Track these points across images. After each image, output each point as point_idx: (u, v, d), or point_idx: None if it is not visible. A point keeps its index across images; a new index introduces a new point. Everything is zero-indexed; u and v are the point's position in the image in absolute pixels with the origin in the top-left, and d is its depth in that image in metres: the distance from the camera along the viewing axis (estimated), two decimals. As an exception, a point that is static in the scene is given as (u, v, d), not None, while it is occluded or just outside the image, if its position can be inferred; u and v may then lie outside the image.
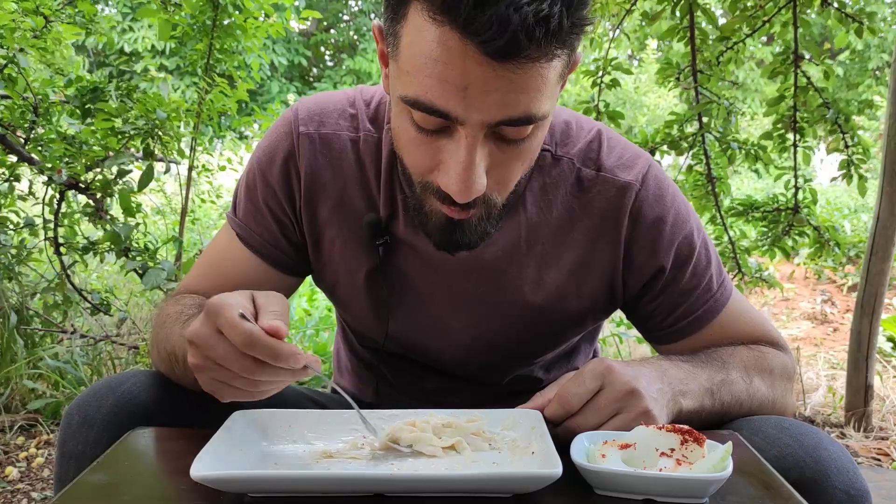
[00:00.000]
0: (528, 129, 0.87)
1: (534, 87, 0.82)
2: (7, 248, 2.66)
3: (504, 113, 0.82)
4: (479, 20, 0.76)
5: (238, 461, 0.82)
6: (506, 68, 0.79)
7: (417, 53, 0.82)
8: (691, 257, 1.08)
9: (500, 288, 1.08)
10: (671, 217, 1.07)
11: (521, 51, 0.78)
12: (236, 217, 1.13)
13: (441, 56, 0.80)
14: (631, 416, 0.90)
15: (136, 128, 2.41)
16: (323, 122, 1.08)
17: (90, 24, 2.81)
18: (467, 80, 0.80)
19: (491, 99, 0.81)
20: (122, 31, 13.98)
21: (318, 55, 20.02)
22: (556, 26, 0.78)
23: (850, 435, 2.70)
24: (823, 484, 0.89)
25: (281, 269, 1.13)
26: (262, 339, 0.79)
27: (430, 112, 0.83)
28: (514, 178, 0.93)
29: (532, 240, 1.06)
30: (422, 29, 0.80)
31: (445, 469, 0.85)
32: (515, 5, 0.75)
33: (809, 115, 2.63)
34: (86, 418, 0.97)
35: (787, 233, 2.73)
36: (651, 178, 1.07)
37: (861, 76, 15.21)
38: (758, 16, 2.61)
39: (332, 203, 1.08)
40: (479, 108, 0.81)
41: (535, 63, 0.80)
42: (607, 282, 1.09)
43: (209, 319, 0.81)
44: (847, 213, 7.67)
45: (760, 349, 1.12)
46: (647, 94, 15.10)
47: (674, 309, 1.10)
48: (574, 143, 1.07)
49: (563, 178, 1.06)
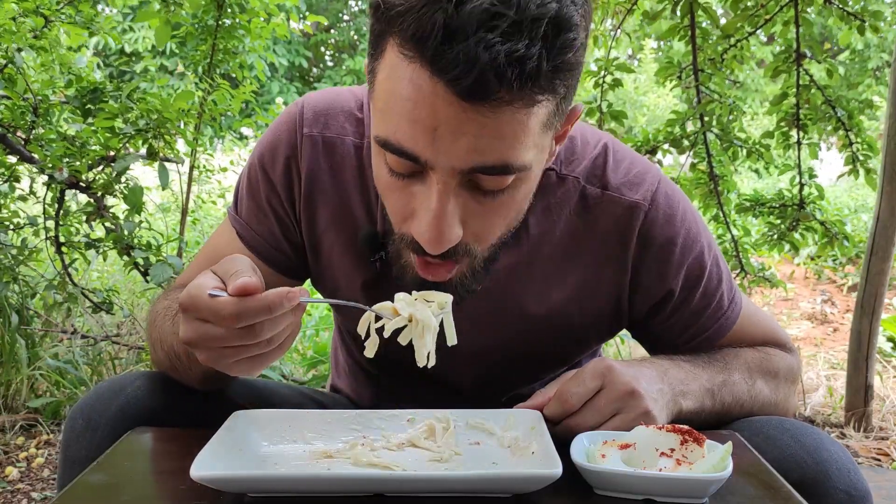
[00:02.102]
0: (508, 180, 0.81)
1: (510, 134, 0.76)
2: (8, 249, 2.65)
3: (476, 159, 0.77)
4: (447, 56, 0.71)
5: (238, 461, 0.82)
6: (477, 111, 0.74)
7: (389, 91, 0.78)
8: (702, 278, 1.05)
9: (502, 306, 1.05)
10: (681, 238, 1.03)
11: (491, 93, 0.73)
12: (238, 215, 1.11)
13: (411, 94, 0.75)
14: (631, 417, 0.90)
15: (137, 128, 2.41)
16: (328, 125, 1.04)
17: (91, 25, 2.81)
18: (437, 120, 0.75)
19: (462, 143, 0.76)
20: (122, 32, 13.98)
21: (318, 55, 20.01)
22: (534, 69, 0.72)
23: (850, 435, 2.69)
24: (824, 484, 0.89)
25: (281, 272, 1.11)
26: (246, 303, 0.74)
27: (399, 154, 0.79)
28: (494, 233, 0.88)
29: (534, 260, 1.03)
30: (395, 66, 0.76)
31: (445, 469, 0.85)
32: (486, 43, 0.70)
33: (812, 112, 2.63)
34: (89, 423, 0.96)
35: (794, 228, 2.72)
36: (661, 196, 1.02)
37: (861, 76, 15.19)
38: (759, 14, 2.61)
39: (332, 209, 1.05)
40: (448, 151, 0.76)
41: (510, 107, 0.74)
42: (613, 303, 1.06)
43: (189, 316, 0.78)
44: (847, 213, 7.65)
45: (767, 351, 1.11)
46: (647, 94, 15.09)
47: (683, 330, 1.08)
48: (579, 161, 1.03)
49: (567, 198, 1.02)
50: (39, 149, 2.48)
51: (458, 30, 0.70)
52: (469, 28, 0.70)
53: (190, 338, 0.79)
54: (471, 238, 0.85)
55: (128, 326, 3.18)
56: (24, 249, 2.69)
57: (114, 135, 2.42)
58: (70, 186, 2.50)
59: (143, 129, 2.42)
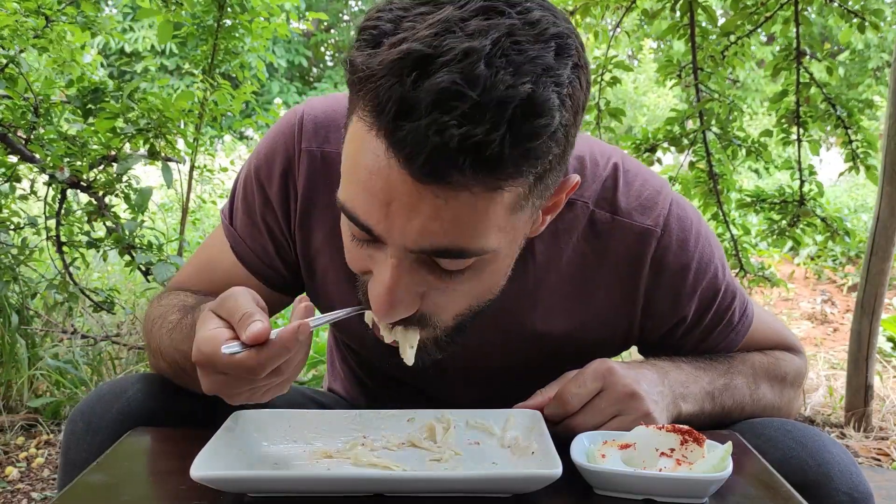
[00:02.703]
0: (467, 262, 0.77)
1: (468, 219, 0.71)
2: (8, 248, 2.65)
3: (428, 241, 0.73)
4: (399, 133, 0.67)
5: (238, 461, 0.82)
6: (431, 192, 0.69)
7: (351, 155, 0.75)
8: (715, 300, 1.02)
9: (504, 333, 1.02)
10: (695, 263, 0.99)
11: (443, 177, 0.68)
12: (232, 226, 1.07)
13: (368, 164, 0.71)
14: (631, 419, 0.89)
15: (138, 128, 2.41)
16: (328, 139, 0.99)
17: (93, 24, 2.81)
18: (391, 195, 0.71)
19: (415, 223, 0.71)
20: (122, 31, 13.98)
21: (318, 55, 20.00)
22: (495, 155, 0.66)
23: (850, 435, 2.69)
24: (826, 486, 0.88)
25: (273, 288, 1.07)
26: (264, 354, 0.74)
27: (354, 222, 0.76)
28: (457, 309, 0.83)
29: (539, 288, 0.99)
30: (358, 131, 0.73)
31: (445, 469, 0.85)
32: (438, 125, 0.65)
33: (812, 110, 2.64)
34: (90, 425, 0.96)
35: (795, 223, 2.73)
36: (673, 219, 0.98)
37: (861, 76, 15.19)
38: (759, 13, 2.62)
39: (327, 230, 1.00)
40: (401, 229, 0.72)
41: (468, 192, 0.69)
42: (623, 330, 1.03)
43: (207, 370, 0.78)
44: (847, 213, 7.65)
45: (775, 355, 1.10)
46: (647, 94, 15.08)
47: (693, 347, 1.05)
48: (588, 184, 0.97)
49: (575, 223, 0.97)
50: (40, 148, 2.48)
51: (413, 107, 0.66)
52: (424, 106, 0.65)
53: (214, 390, 0.80)
54: (431, 309, 0.82)
55: (128, 326, 3.18)
56: (24, 249, 2.69)
57: (115, 134, 2.42)
58: (71, 186, 2.50)
59: (144, 129, 2.42)
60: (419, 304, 0.81)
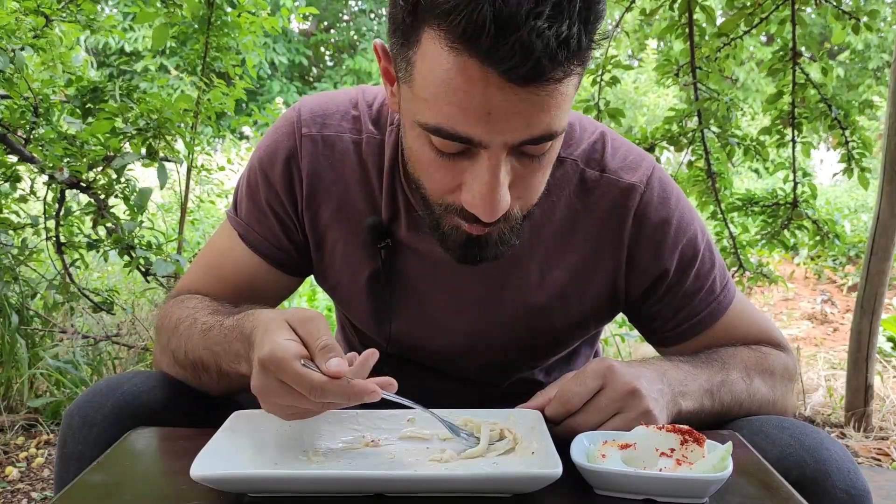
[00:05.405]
0: (549, 144, 0.87)
1: (555, 106, 0.81)
2: (8, 249, 2.65)
3: (528, 133, 0.82)
4: (502, 49, 0.75)
5: (238, 461, 0.82)
6: (528, 91, 0.78)
7: (435, 81, 0.81)
8: (695, 260, 1.08)
9: (503, 289, 1.08)
10: (675, 220, 1.07)
11: (545, 74, 0.77)
12: (238, 216, 1.12)
13: (461, 84, 0.79)
14: (631, 416, 0.90)
15: (137, 128, 2.41)
16: (325, 124, 1.08)
17: (92, 23, 2.81)
18: (489, 106, 0.79)
19: (514, 122, 0.80)
20: (122, 31, 13.98)
21: (318, 55, 20.01)
22: (576, 46, 0.77)
23: (850, 435, 2.69)
24: (824, 484, 0.89)
25: (283, 270, 1.13)
26: (331, 388, 0.78)
27: (452, 139, 0.83)
28: (536, 191, 0.92)
29: (535, 241, 1.06)
30: (438, 57, 0.79)
31: (445, 469, 0.85)
32: (538, 31, 0.74)
33: (808, 111, 2.64)
34: (86, 419, 0.97)
35: (787, 226, 2.73)
36: (655, 180, 1.07)
37: (861, 76, 15.19)
38: (756, 13, 2.62)
39: (334, 205, 1.08)
40: (502, 131, 0.81)
41: (558, 83, 0.79)
42: (610, 283, 1.09)
43: (268, 374, 0.80)
44: (847, 213, 7.66)
45: (762, 350, 1.12)
46: (647, 94, 15.09)
47: (676, 312, 1.10)
48: (578, 145, 1.07)
49: (566, 180, 1.06)
50: (39, 149, 2.48)
51: (509, 21, 0.73)
52: (519, 18, 0.73)
53: (263, 392, 0.82)
54: (515, 199, 0.89)
55: (128, 326, 3.18)
56: (24, 249, 2.69)
57: (114, 135, 2.42)
58: (70, 186, 2.50)
59: (143, 129, 2.42)
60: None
